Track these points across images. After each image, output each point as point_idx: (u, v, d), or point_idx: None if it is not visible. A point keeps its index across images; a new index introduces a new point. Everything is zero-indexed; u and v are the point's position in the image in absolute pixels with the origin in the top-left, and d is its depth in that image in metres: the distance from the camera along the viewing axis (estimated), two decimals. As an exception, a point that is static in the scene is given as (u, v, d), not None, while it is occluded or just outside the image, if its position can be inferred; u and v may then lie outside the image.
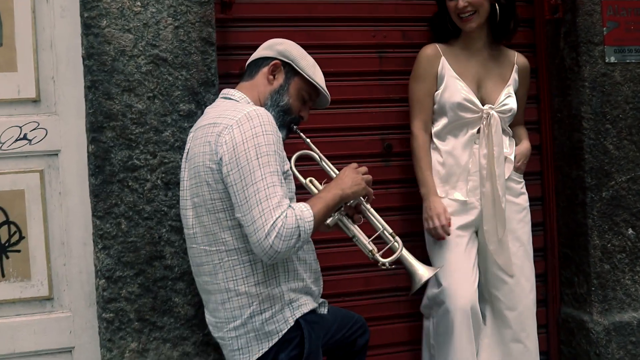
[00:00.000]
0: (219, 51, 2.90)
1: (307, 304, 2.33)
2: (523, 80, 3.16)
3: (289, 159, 2.42)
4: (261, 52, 2.50)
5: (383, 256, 2.42)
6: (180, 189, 2.44)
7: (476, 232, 3.05)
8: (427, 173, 3.01)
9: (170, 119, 2.70)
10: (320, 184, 2.52)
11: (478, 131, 2.99)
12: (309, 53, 2.51)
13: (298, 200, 2.30)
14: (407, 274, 2.50)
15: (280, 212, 2.11)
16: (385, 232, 2.48)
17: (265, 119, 2.21)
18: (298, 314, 2.29)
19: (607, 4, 3.28)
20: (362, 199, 2.43)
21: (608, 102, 3.28)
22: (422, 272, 2.46)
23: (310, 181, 2.53)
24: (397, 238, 2.47)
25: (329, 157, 2.63)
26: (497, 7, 2.98)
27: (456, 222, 2.97)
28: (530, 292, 3.07)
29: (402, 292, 3.29)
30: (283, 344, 2.26)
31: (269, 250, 2.09)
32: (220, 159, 2.18)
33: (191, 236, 2.35)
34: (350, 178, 2.37)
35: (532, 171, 3.33)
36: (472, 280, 2.93)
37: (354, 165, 2.43)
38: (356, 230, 2.46)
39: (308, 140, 2.52)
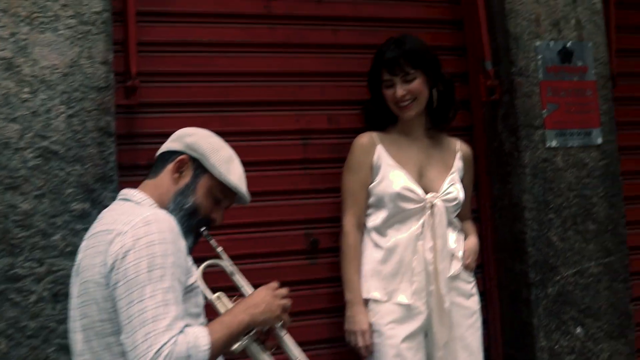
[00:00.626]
0: (124, 140, 2.64)
1: None
2: (468, 169, 2.92)
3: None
4: (168, 144, 2.18)
5: None
6: (69, 307, 2.09)
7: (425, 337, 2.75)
8: (355, 277, 2.72)
9: (61, 220, 2.40)
10: (231, 300, 2.18)
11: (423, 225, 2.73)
12: (226, 141, 2.21)
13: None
14: None
15: (169, 337, 1.77)
16: None
17: (165, 225, 1.90)
18: None
19: (546, 85, 3.08)
20: (278, 325, 2.11)
21: (551, 189, 3.06)
22: None
23: (219, 298, 2.17)
24: None
25: (248, 257, 2.39)
26: (436, 93, 2.80)
27: (401, 332, 2.66)
28: None
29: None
30: None
31: None
32: (110, 270, 1.85)
33: (80, 364, 2.00)
34: (264, 302, 2.04)
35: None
36: None
37: (273, 285, 2.11)
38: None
39: (220, 249, 2.17)
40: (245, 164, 2.76)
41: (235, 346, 2.05)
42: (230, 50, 2.90)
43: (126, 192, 2.11)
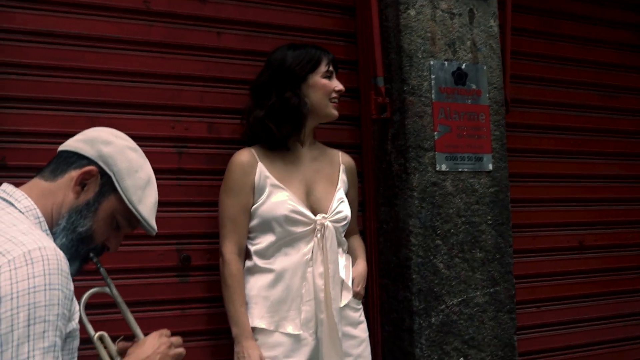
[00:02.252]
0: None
1: None
2: (352, 182, 2.76)
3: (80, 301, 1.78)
4: (77, 144, 1.80)
5: None
6: None
7: None
8: (242, 310, 2.48)
9: None
10: (114, 342, 1.87)
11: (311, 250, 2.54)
12: None
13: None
14: None
15: None
16: None
17: (54, 265, 1.53)
18: None
19: (439, 106, 2.95)
20: None
21: (439, 215, 2.92)
22: None
23: (101, 338, 1.83)
24: None
25: (116, 272, 2.21)
26: None
27: None
28: None
29: None
30: None
31: None
32: None
33: None
34: (158, 353, 1.77)
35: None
36: None
37: (166, 332, 1.84)
38: None
39: (109, 280, 1.85)
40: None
41: None
42: (102, 45, 2.64)
43: (7, 189, 1.71)
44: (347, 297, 2.59)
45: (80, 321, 1.75)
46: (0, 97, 2.48)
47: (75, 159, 1.75)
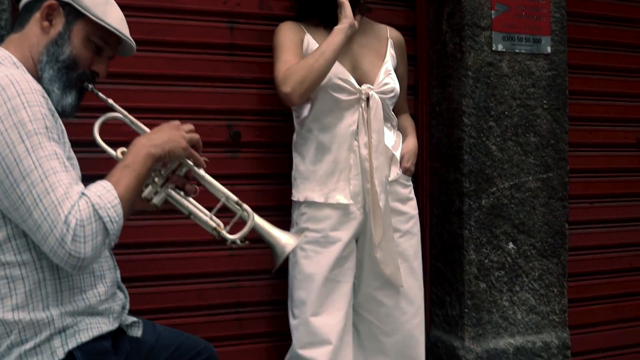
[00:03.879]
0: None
1: (89, 329, 1.74)
2: (401, 57, 2.69)
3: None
4: None
5: (232, 232, 1.88)
6: None
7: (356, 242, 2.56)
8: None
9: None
10: None
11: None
12: (141, 17, 1.89)
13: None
14: (268, 246, 1.96)
15: (70, 206, 1.54)
16: (229, 200, 1.91)
17: (25, 85, 1.61)
18: (72, 343, 1.70)
19: (497, -16, 2.85)
20: (191, 162, 1.87)
21: (493, 96, 2.85)
22: (285, 240, 1.91)
23: (123, 153, 1.89)
24: (246, 206, 1.90)
25: None
26: None
27: (338, 239, 2.48)
28: (414, 317, 2.60)
29: (245, 307, 2.77)
30: None
31: (70, 259, 1.55)
32: None
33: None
34: (166, 133, 1.80)
35: (405, 172, 2.85)
36: (336, 324, 2.46)
37: (176, 122, 1.86)
38: (192, 206, 1.90)
39: (110, 101, 1.88)
40: (165, 43, 2.54)
41: (155, 200, 1.83)
42: None
43: None
44: (396, 172, 2.56)
45: (100, 148, 1.86)
46: None
47: (34, 3, 1.80)
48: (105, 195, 1.60)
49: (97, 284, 1.79)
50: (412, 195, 2.65)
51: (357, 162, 2.48)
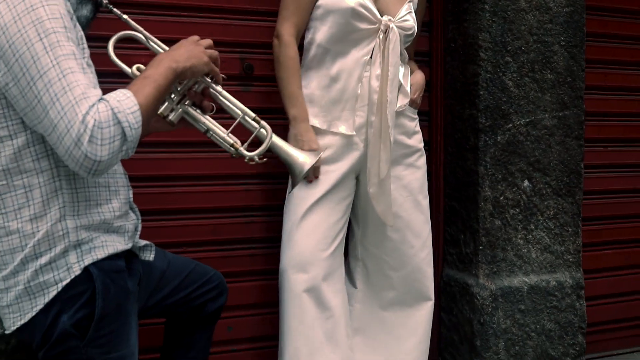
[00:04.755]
0: None
1: (104, 246, 1.72)
2: (421, 0, 2.65)
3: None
4: None
5: (249, 149, 1.86)
6: None
7: (356, 179, 2.53)
8: (299, 92, 2.42)
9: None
10: None
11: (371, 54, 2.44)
12: None
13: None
14: (285, 165, 1.98)
15: (88, 106, 1.51)
16: (246, 117, 1.90)
17: None
18: (88, 260, 1.68)
19: None
20: (208, 79, 1.84)
21: (510, 30, 2.80)
22: (303, 159, 1.93)
23: (138, 69, 1.88)
24: (264, 123, 1.90)
25: None
26: None
27: (336, 169, 2.45)
28: (421, 250, 2.59)
29: (258, 243, 2.75)
30: (66, 301, 1.66)
31: (85, 161, 1.51)
32: None
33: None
34: (187, 48, 1.78)
35: (419, 110, 2.78)
36: (321, 251, 2.41)
37: (195, 37, 1.85)
38: (209, 122, 1.88)
39: (126, 17, 1.86)
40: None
41: (171, 116, 1.80)
42: None
43: None
44: (403, 101, 2.52)
45: (114, 64, 1.84)
46: None
47: None
48: (125, 101, 1.57)
49: (112, 198, 1.76)
50: (418, 128, 2.62)
51: (364, 93, 2.44)
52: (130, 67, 1.88)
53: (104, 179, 1.74)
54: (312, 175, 2.39)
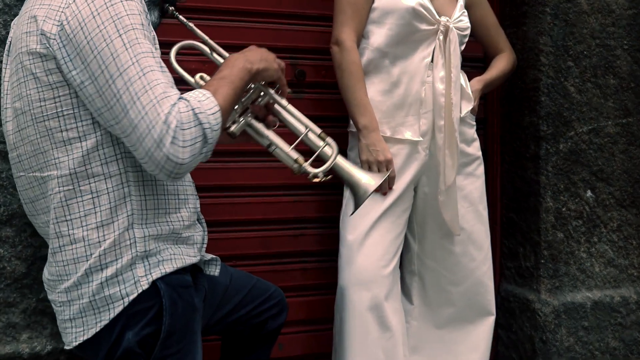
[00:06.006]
0: None
1: (173, 259, 1.62)
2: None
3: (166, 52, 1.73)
4: None
5: (313, 166, 1.73)
6: (1, 94, 1.72)
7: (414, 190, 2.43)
8: (367, 100, 2.30)
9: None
10: None
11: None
12: None
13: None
14: (348, 186, 1.86)
15: (170, 106, 1.42)
16: (311, 133, 1.77)
17: None
18: (157, 273, 1.58)
19: None
20: (273, 92, 1.74)
21: (572, 34, 2.68)
22: (367, 180, 1.78)
23: (202, 78, 1.80)
24: (330, 139, 1.77)
25: None
26: None
27: (402, 178, 2.34)
28: (483, 263, 2.48)
29: (310, 257, 2.64)
30: (131, 317, 1.56)
31: (167, 163, 1.43)
32: (60, 39, 1.47)
33: (15, 160, 1.65)
34: (258, 52, 1.69)
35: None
36: (383, 268, 2.30)
37: (264, 48, 1.76)
38: (272, 136, 1.75)
39: (191, 25, 1.79)
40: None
41: (233, 127, 1.70)
42: None
43: None
44: (467, 107, 2.41)
45: (176, 73, 1.74)
46: None
47: None
48: (205, 101, 1.48)
49: (181, 207, 1.67)
50: (476, 136, 2.51)
51: (429, 97, 2.33)
52: (193, 76, 1.79)
53: (173, 187, 1.65)
54: (387, 186, 2.28)
